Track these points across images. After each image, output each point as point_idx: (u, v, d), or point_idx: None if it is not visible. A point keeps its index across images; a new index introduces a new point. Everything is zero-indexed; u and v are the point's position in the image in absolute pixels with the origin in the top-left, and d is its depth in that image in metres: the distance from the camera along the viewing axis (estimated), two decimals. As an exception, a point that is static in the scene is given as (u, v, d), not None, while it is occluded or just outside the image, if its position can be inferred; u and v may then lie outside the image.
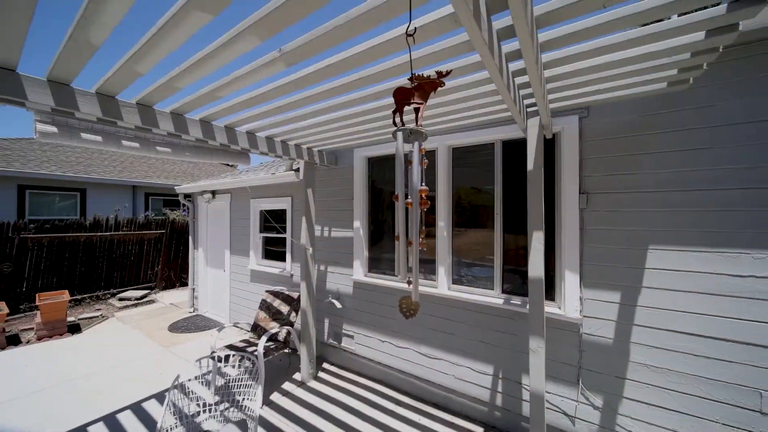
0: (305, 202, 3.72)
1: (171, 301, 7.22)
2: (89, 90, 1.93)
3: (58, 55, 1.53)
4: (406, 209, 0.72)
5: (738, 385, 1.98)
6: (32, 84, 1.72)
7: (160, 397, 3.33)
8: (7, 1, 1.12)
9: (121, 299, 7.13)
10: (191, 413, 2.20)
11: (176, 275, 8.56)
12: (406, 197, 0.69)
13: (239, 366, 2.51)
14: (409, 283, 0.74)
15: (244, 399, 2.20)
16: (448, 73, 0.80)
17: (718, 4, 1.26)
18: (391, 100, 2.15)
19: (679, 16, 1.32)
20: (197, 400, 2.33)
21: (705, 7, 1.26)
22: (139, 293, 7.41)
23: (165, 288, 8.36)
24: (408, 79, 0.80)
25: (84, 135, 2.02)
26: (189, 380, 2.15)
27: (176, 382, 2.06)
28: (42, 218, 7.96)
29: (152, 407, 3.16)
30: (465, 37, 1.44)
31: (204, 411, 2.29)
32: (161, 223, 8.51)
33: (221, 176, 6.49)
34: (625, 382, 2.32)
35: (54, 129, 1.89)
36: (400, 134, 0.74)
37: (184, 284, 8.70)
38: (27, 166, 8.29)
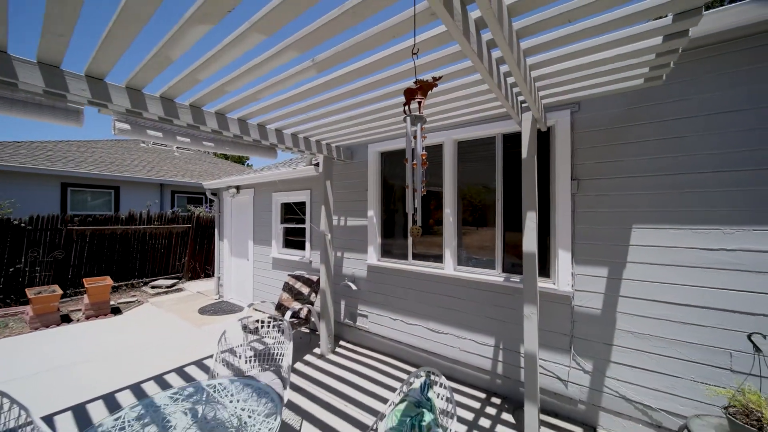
0: (324, 194, 4.11)
1: (197, 290, 7.79)
2: (155, 94, 2.36)
3: (140, 68, 1.95)
4: (413, 169, 1.06)
5: (710, 346, 2.23)
6: (115, 90, 2.16)
7: (198, 363, 3.79)
8: (124, 22, 1.51)
9: (153, 287, 7.75)
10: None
11: (201, 267, 9.17)
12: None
13: (269, 332, 2.91)
14: (414, 215, 1.07)
15: (276, 354, 2.59)
16: (440, 77, 1.14)
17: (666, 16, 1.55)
18: (400, 99, 2.51)
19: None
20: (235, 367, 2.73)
21: (659, 17, 1.56)
22: (169, 282, 8.02)
23: (191, 278, 8.97)
24: (413, 82, 1.15)
25: (149, 132, 2.46)
26: (222, 352, 2.52)
27: (224, 336, 2.47)
28: (82, 213, 8.68)
29: (192, 371, 3.61)
30: (462, 46, 1.77)
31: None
32: (187, 218, 9.13)
33: (244, 173, 6.99)
34: (612, 348, 2.59)
35: (128, 126, 2.33)
36: (408, 119, 1.09)
37: (208, 275, 9.30)
38: (68, 165, 9.07)
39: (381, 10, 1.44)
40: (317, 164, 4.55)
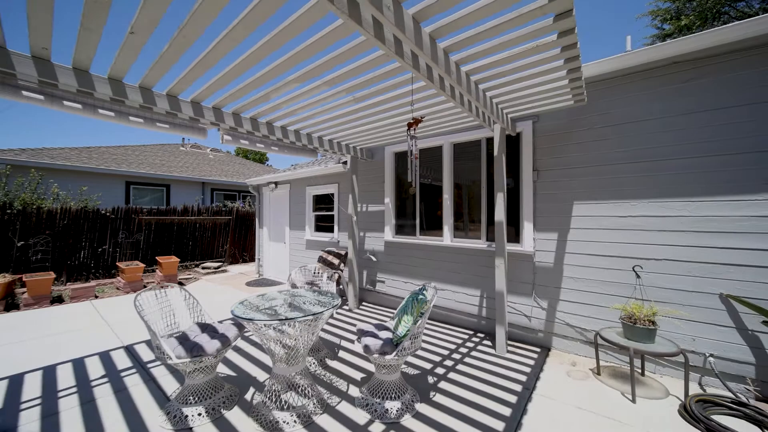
0: (351, 185, 5.30)
1: (239, 271, 9.18)
2: (246, 116, 3.60)
3: (248, 102, 3.17)
4: (411, 161, 2.19)
5: (621, 282, 3.24)
6: (227, 115, 3.41)
7: (258, 312, 5.05)
8: (261, 77, 2.73)
9: (203, 268, 9.20)
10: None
11: (240, 253, 10.59)
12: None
13: (321, 274, 4.11)
14: (412, 182, 2.19)
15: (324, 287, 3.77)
16: (424, 116, 2.26)
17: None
18: (405, 115, 3.65)
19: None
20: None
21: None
22: (215, 264, 9.46)
23: (231, 263, 10.41)
24: (412, 118, 2.27)
25: (241, 141, 3.70)
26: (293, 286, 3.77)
27: (290, 277, 3.67)
28: (144, 207, 10.28)
29: (256, 316, 4.87)
30: (445, 87, 2.89)
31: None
32: (228, 211, 10.58)
33: (281, 171, 8.29)
34: (560, 290, 3.62)
35: (230, 138, 3.58)
36: (408, 136, 2.21)
37: (245, 260, 10.72)
38: (131, 167, 10.71)
39: (400, 73, 2.58)
40: (345, 162, 5.75)
